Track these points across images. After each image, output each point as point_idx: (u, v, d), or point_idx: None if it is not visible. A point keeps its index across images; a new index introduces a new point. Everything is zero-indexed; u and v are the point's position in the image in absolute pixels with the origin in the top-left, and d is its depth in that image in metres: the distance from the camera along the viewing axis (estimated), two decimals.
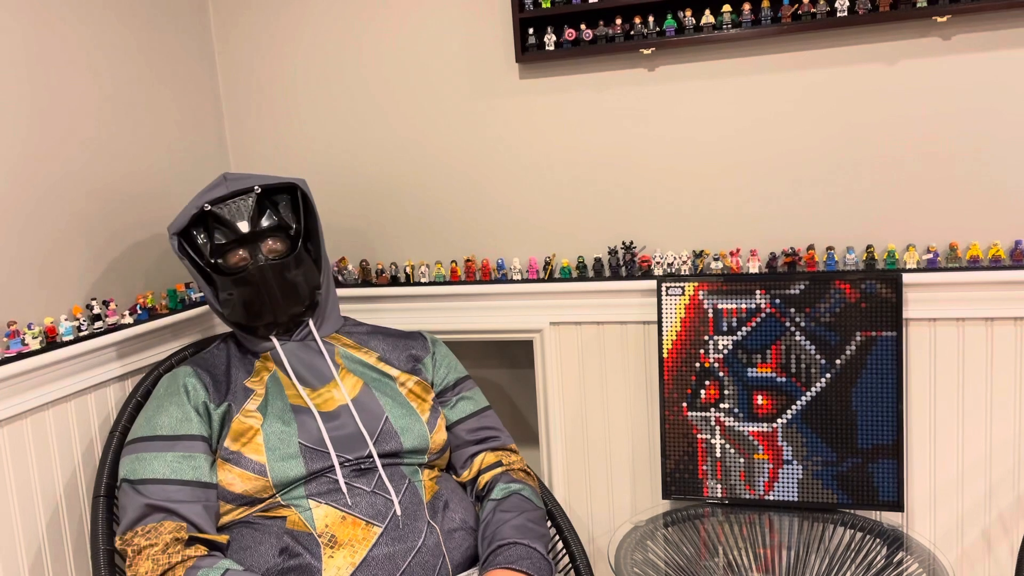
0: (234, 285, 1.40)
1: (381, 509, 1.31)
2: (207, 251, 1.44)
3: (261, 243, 1.43)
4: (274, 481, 1.30)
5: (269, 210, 1.45)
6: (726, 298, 1.65)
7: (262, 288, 1.40)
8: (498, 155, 1.82)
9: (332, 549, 1.26)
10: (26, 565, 1.37)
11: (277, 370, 1.45)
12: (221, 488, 1.31)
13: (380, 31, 1.85)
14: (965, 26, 1.53)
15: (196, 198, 1.44)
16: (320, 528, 1.28)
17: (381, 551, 1.26)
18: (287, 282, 1.42)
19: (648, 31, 1.65)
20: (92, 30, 1.58)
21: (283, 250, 1.45)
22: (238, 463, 1.31)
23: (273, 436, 1.33)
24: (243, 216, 1.42)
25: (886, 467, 1.59)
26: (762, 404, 1.64)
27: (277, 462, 1.31)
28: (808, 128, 1.64)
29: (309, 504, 1.30)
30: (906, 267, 1.59)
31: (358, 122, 1.90)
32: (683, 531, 1.61)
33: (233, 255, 1.43)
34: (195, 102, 1.87)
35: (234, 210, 1.42)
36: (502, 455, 1.53)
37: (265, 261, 1.41)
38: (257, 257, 1.42)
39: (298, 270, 1.43)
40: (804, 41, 1.62)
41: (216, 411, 1.36)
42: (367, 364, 1.51)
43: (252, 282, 1.39)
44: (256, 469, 1.30)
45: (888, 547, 1.51)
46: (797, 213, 1.67)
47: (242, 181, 1.45)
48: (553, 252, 1.82)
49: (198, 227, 1.45)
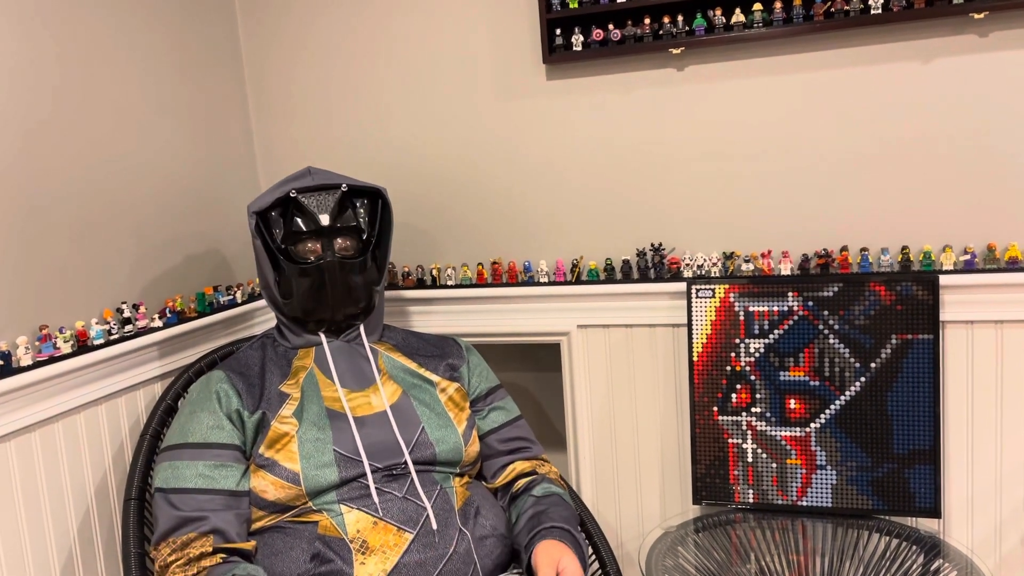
0: (301, 274, 1.42)
1: (412, 515, 1.30)
2: (280, 236, 1.46)
3: (335, 239, 1.46)
4: (307, 489, 1.30)
5: (350, 210, 1.49)
6: (757, 300, 1.63)
7: (327, 282, 1.42)
8: (525, 157, 1.81)
9: (364, 555, 1.25)
10: (57, 568, 1.37)
11: (315, 369, 1.44)
12: (254, 495, 1.31)
13: (406, 34, 1.84)
14: (1002, 23, 1.50)
15: (281, 184, 1.48)
16: (352, 534, 1.27)
17: (412, 558, 1.26)
18: (350, 283, 1.44)
19: (677, 31, 1.63)
20: (121, 37, 1.59)
21: (354, 251, 1.48)
22: (272, 470, 1.31)
23: (308, 443, 1.33)
24: (326, 209, 1.45)
25: (922, 472, 1.56)
26: (795, 408, 1.62)
27: (311, 471, 1.30)
28: (841, 127, 1.61)
29: (341, 509, 1.30)
30: (943, 268, 1.56)
31: (383, 124, 1.89)
32: (714, 537, 1.59)
33: (306, 245, 1.45)
34: (222, 106, 1.88)
35: (318, 202, 1.45)
36: (535, 464, 1.53)
37: (335, 257, 1.43)
38: (328, 252, 1.44)
39: (362, 274, 1.46)
40: (837, 39, 1.59)
41: (250, 419, 1.36)
42: (408, 370, 1.51)
43: (319, 275, 1.42)
44: (290, 478, 1.30)
45: (925, 554, 1.48)
46: (830, 214, 1.64)
47: (328, 177, 1.49)
48: (581, 254, 1.80)
49: (276, 210, 1.46)
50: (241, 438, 1.35)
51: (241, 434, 1.35)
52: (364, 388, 1.44)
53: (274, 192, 1.45)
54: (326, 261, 1.42)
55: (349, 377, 1.44)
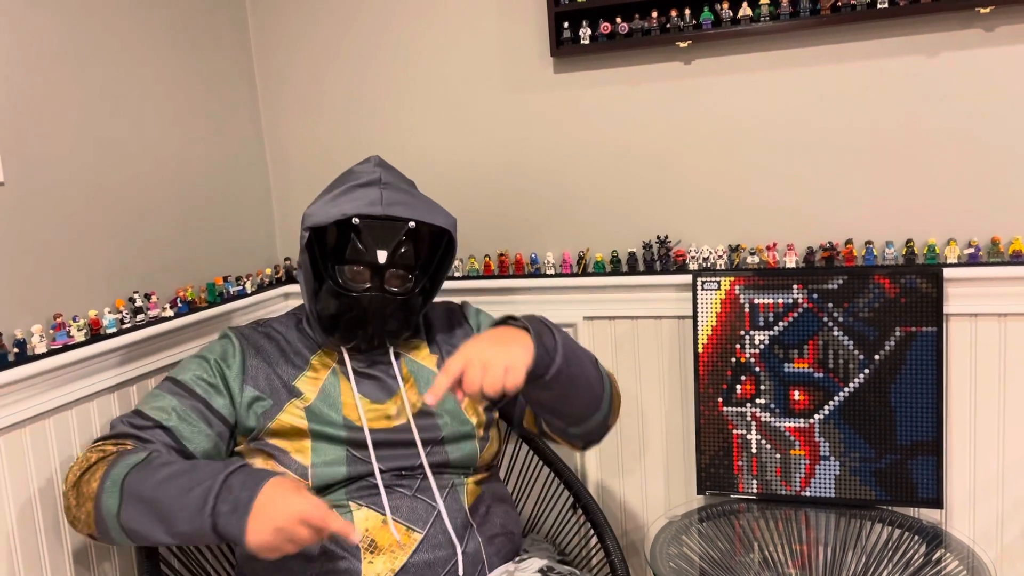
0: (341, 300, 1.33)
1: (422, 515, 1.28)
2: (329, 252, 1.36)
3: (387, 272, 1.35)
4: (315, 483, 1.28)
5: (410, 246, 1.35)
6: (762, 293, 1.64)
7: (368, 315, 1.33)
8: (532, 149, 1.82)
9: (372, 554, 1.24)
10: (70, 552, 1.39)
11: (337, 370, 1.38)
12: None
13: (414, 28, 1.85)
14: (1009, 17, 1.51)
15: (344, 192, 1.34)
16: (360, 532, 1.25)
17: (421, 557, 1.25)
18: (394, 315, 1.36)
19: (684, 24, 1.64)
20: (135, 34, 1.61)
21: (405, 283, 1.37)
22: (281, 461, 1.29)
23: (321, 445, 1.30)
24: (386, 245, 1.32)
25: (925, 464, 1.57)
26: (799, 400, 1.63)
27: (321, 468, 1.28)
28: (847, 121, 1.62)
29: (350, 507, 1.28)
30: (947, 261, 1.57)
31: (390, 117, 1.91)
32: (718, 526, 1.61)
33: (354, 270, 1.34)
34: (233, 100, 1.89)
35: (379, 235, 1.32)
36: None
37: (383, 293, 1.33)
38: (379, 283, 1.34)
39: (406, 310, 1.37)
40: (843, 33, 1.60)
41: (242, 394, 1.33)
42: (428, 369, 1.43)
43: (360, 306, 1.33)
44: (299, 471, 1.28)
45: (927, 544, 1.50)
46: (835, 207, 1.65)
47: (398, 200, 1.34)
48: (587, 246, 1.82)
49: (335, 224, 1.34)
50: (228, 407, 1.33)
51: (228, 401, 1.33)
52: (384, 401, 1.37)
53: (336, 206, 1.32)
54: (371, 295, 1.32)
55: (370, 387, 1.38)
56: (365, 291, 1.33)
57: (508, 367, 1.11)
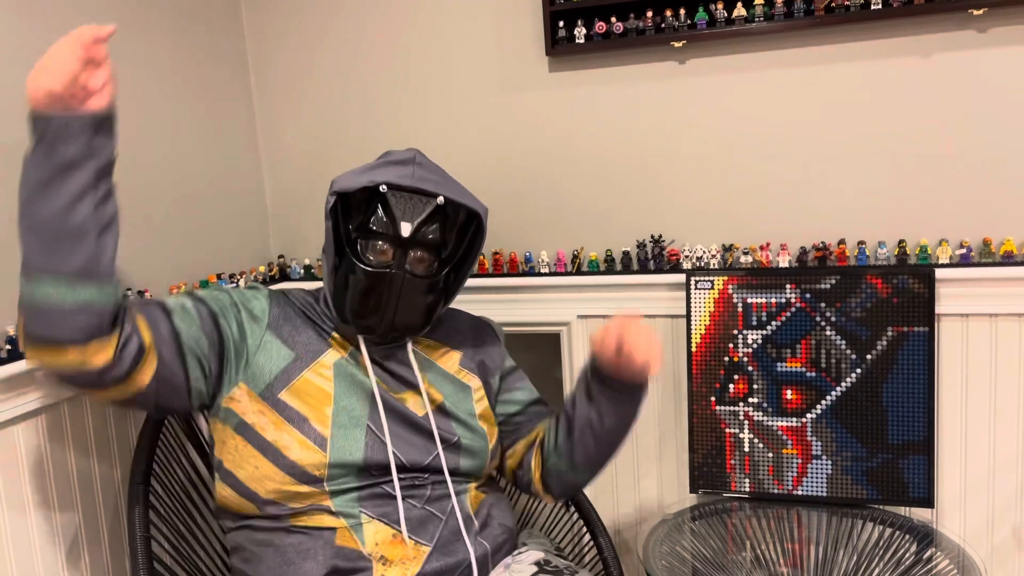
0: (362, 275, 1.26)
1: (431, 527, 1.26)
2: (355, 223, 1.30)
3: (412, 250, 1.28)
4: (331, 459, 1.21)
5: (439, 223, 1.29)
6: (755, 292, 1.65)
7: (387, 295, 1.26)
8: (526, 148, 1.82)
9: (384, 566, 1.21)
10: (63, 552, 1.39)
11: (354, 355, 1.32)
12: (274, 450, 1.22)
13: (409, 26, 1.85)
14: (1002, 19, 1.51)
15: (381, 164, 1.30)
16: (370, 547, 1.22)
17: (432, 567, 1.23)
18: (412, 301, 1.28)
19: (679, 24, 1.65)
20: (127, 29, 1.60)
21: (428, 267, 1.30)
22: (300, 427, 1.22)
23: (342, 412, 1.25)
24: (413, 218, 1.26)
25: (916, 463, 1.58)
26: (791, 399, 1.64)
27: (340, 440, 1.23)
28: (840, 122, 1.63)
29: (361, 518, 1.23)
30: (939, 262, 1.58)
31: (387, 118, 1.91)
32: (711, 525, 1.61)
33: (377, 245, 1.28)
34: (226, 96, 1.89)
35: (407, 207, 1.26)
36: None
37: (407, 271, 1.27)
38: (401, 262, 1.27)
39: (429, 295, 1.30)
40: (837, 34, 1.61)
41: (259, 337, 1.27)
42: (447, 374, 1.39)
43: (381, 284, 1.25)
44: (317, 440, 1.22)
45: (918, 543, 1.50)
46: (828, 207, 1.66)
47: (429, 178, 1.29)
48: (581, 245, 1.82)
49: (362, 193, 1.29)
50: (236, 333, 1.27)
51: (238, 329, 1.27)
52: (401, 392, 1.33)
53: (366, 175, 1.27)
54: (393, 272, 1.25)
55: (386, 379, 1.33)
56: (385, 268, 1.26)
57: (655, 356, 1.23)
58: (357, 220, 1.29)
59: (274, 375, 1.26)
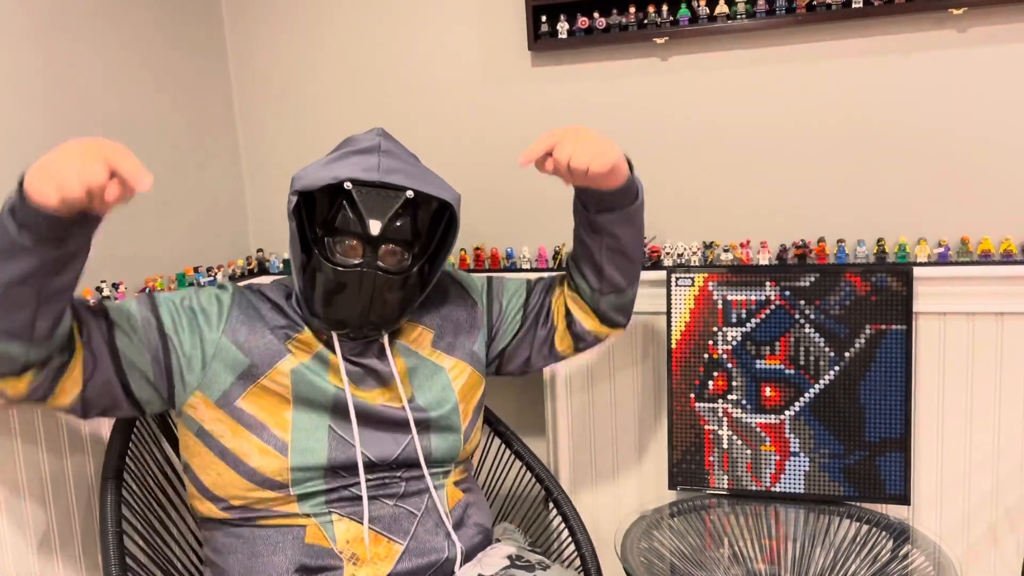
0: (332, 274, 1.20)
1: (404, 525, 1.24)
2: (320, 220, 1.24)
3: (382, 246, 1.22)
4: (292, 464, 1.19)
5: (410, 217, 1.23)
6: (736, 289, 1.65)
7: (358, 293, 1.21)
8: (508, 142, 1.81)
9: (354, 566, 1.20)
10: (34, 547, 1.37)
11: (325, 352, 1.27)
12: (234, 457, 1.20)
13: (391, 18, 1.84)
14: (981, 19, 1.52)
15: (341, 155, 1.23)
16: (341, 544, 1.20)
17: (404, 566, 1.22)
18: (385, 299, 1.23)
19: (662, 20, 1.65)
20: (106, 16, 1.58)
21: (400, 263, 1.24)
22: (259, 433, 1.20)
23: (303, 416, 1.22)
24: (381, 215, 1.20)
25: (893, 460, 1.58)
26: (770, 396, 1.64)
27: (301, 442, 1.20)
28: (820, 120, 1.63)
29: (331, 517, 1.21)
30: (917, 261, 1.59)
31: (368, 111, 1.89)
32: (689, 521, 1.62)
33: (345, 242, 1.22)
34: (205, 88, 1.87)
35: (374, 203, 1.20)
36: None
37: (376, 269, 1.21)
38: (372, 259, 1.22)
39: (402, 291, 1.25)
40: (818, 32, 1.61)
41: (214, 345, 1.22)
42: (419, 356, 1.35)
43: (352, 283, 1.20)
44: (277, 446, 1.19)
45: (894, 540, 1.51)
46: (808, 205, 1.66)
47: (396, 168, 1.23)
48: (563, 241, 1.81)
49: (325, 189, 1.22)
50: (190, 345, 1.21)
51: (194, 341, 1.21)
52: (372, 388, 1.29)
53: (327, 170, 1.20)
54: (362, 272, 1.20)
55: (361, 376, 1.29)
56: (355, 267, 1.21)
57: (598, 153, 1.15)
58: (322, 217, 1.23)
59: (230, 383, 1.22)
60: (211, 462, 1.22)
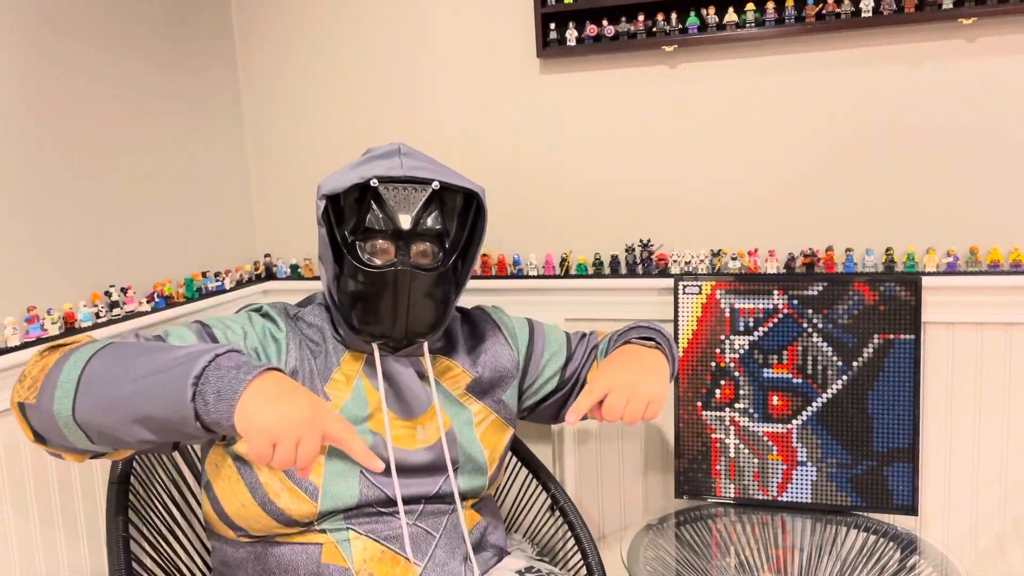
0: (364, 279, 1.19)
1: (421, 545, 1.21)
2: (350, 225, 1.23)
3: (414, 244, 1.21)
4: (322, 509, 1.16)
5: (437, 211, 1.23)
6: (743, 298, 1.65)
7: (396, 295, 1.19)
8: (516, 149, 1.81)
9: None
10: (40, 552, 1.37)
11: (364, 379, 1.25)
12: (263, 493, 1.16)
13: (401, 26, 1.85)
14: (991, 28, 1.52)
15: (364, 160, 1.23)
16: (358, 564, 1.17)
17: None
18: (424, 297, 1.21)
19: (671, 28, 1.65)
20: (117, 26, 1.59)
21: (434, 260, 1.24)
22: (291, 475, 1.16)
23: (336, 463, 1.18)
24: (409, 209, 1.20)
25: (901, 471, 1.58)
26: (777, 405, 1.64)
27: (332, 487, 1.17)
28: (830, 129, 1.63)
29: (348, 535, 1.18)
30: (925, 270, 1.59)
31: (376, 117, 1.90)
32: (695, 530, 1.61)
33: (377, 243, 1.21)
34: (214, 95, 1.88)
35: (402, 198, 1.20)
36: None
37: (411, 267, 1.19)
38: (404, 258, 1.20)
39: (439, 287, 1.23)
40: (827, 41, 1.61)
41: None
42: (452, 397, 1.32)
43: (387, 284, 1.18)
44: (309, 490, 1.16)
45: (901, 551, 1.50)
46: (816, 214, 1.66)
47: (419, 165, 1.23)
48: (570, 249, 1.81)
49: (352, 194, 1.22)
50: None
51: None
52: (412, 418, 1.26)
53: (353, 172, 1.20)
54: (398, 269, 1.18)
55: (399, 402, 1.26)
56: (389, 267, 1.19)
57: (651, 401, 1.14)
58: (351, 222, 1.23)
59: None
60: (238, 491, 1.18)
